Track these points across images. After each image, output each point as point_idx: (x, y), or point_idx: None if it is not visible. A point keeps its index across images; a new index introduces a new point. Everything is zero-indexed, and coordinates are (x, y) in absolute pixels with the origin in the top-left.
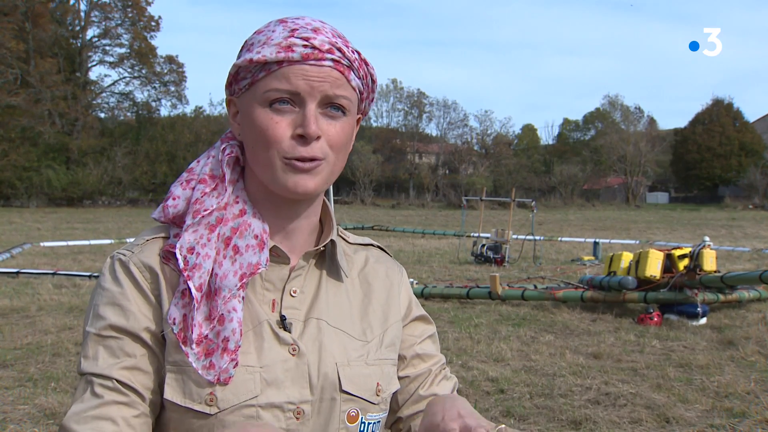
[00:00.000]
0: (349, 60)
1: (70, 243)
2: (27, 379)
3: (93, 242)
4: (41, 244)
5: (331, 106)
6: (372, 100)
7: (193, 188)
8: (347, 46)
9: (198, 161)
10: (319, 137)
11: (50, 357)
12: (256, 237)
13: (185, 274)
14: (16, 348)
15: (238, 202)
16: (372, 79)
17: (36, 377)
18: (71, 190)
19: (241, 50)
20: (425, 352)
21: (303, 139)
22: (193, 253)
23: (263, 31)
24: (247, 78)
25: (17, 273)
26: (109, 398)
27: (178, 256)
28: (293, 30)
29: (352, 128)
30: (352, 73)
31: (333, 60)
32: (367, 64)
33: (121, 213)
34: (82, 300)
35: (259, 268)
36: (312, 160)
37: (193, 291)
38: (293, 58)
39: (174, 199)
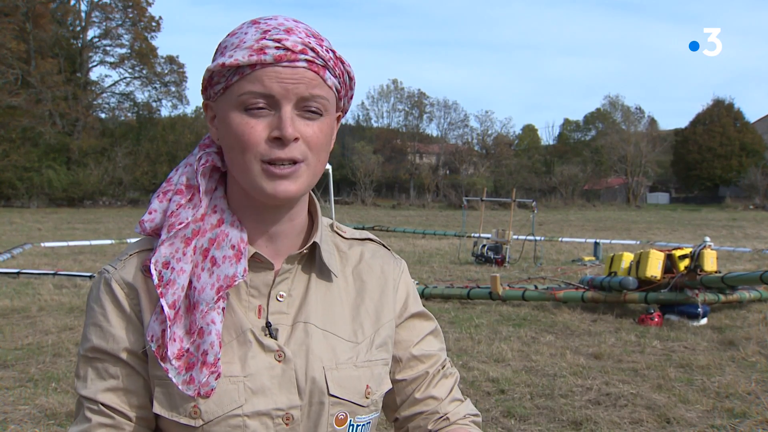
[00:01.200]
0: (323, 59)
1: (71, 243)
2: (28, 380)
3: (93, 242)
4: (42, 244)
5: (307, 107)
6: (351, 98)
7: (170, 200)
8: (321, 45)
9: (177, 170)
10: (296, 139)
11: (51, 357)
12: (233, 247)
13: (159, 290)
14: (17, 348)
15: (216, 212)
16: (349, 76)
17: (37, 377)
18: (72, 190)
19: (215, 53)
20: (423, 353)
21: (280, 141)
22: (168, 268)
23: (236, 33)
24: (221, 82)
25: (18, 273)
26: (95, 421)
27: (153, 271)
28: (265, 31)
29: (330, 128)
30: (327, 72)
31: (307, 60)
32: (342, 62)
33: (122, 213)
34: (82, 300)
35: (235, 281)
36: (292, 162)
37: (166, 308)
38: (266, 60)
39: (150, 213)
